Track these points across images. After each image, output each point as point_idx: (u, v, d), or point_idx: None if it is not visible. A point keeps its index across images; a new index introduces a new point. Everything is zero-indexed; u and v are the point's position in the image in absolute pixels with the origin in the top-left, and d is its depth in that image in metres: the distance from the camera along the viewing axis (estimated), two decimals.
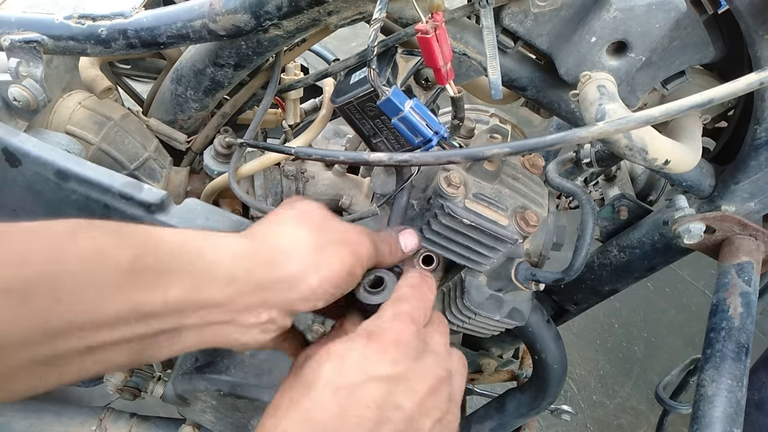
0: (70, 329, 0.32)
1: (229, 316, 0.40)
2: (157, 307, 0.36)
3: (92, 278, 0.33)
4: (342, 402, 0.37)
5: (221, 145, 0.75)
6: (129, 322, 0.35)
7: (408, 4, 0.60)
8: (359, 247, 0.45)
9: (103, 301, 0.33)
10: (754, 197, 0.67)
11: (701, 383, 0.60)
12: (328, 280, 0.43)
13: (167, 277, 0.36)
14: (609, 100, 0.52)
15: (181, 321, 0.38)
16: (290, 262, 0.42)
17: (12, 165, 0.62)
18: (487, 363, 1.06)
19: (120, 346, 0.35)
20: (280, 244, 0.43)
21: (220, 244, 0.40)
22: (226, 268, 0.39)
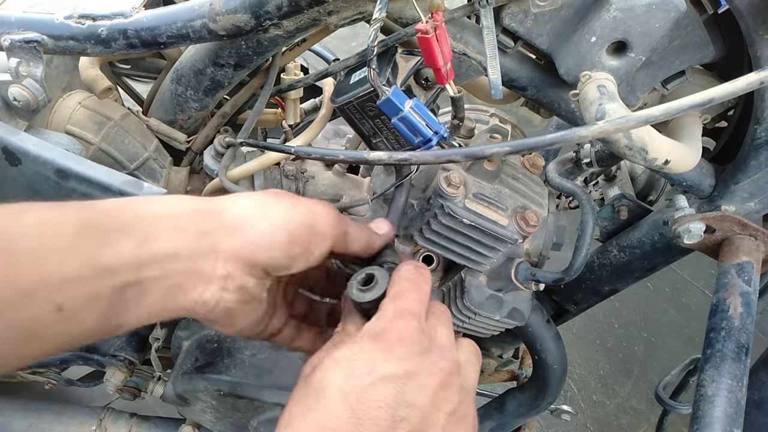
0: (35, 287, 0.34)
1: (184, 264, 0.40)
2: (112, 262, 0.37)
3: (45, 242, 0.35)
4: (353, 406, 0.37)
5: (221, 145, 0.75)
6: (89, 278, 0.36)
7: (408, 4, 0.60)
8: (317, 206, 0.46)
9: (61, 260, 0.35)
10: (754, 197, 0.67)
11: (701, 383, 0.60)
12: (281, 226, 0.43)
13: (116, 233, 0.38)
14: (609, 99, 0.52)
15: (140, 274, 0.38)
16: (233, 211, 0.43)
17: (12, 164, 0.63)
18: (487, 363, 1.06)
19: (88, 306, 0.36)
20: (223, 201, 0.44)
21: (158, 203, 0.42)
22: (169, 221, 0.40)
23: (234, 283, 0.43)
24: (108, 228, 0.38)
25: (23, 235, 0.34)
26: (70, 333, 0.37)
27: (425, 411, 0.39)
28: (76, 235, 0.36)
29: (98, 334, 0.38)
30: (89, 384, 1.13)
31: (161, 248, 0.39)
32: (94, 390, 1.18)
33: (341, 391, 0.38)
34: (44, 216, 0.36)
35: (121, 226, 0.38)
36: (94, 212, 0.38)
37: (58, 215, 0.37)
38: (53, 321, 0.35)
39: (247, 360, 0.80)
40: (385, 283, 0.46)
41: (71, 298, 0.35)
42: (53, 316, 0.35)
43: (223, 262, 0.42)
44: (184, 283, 0.41)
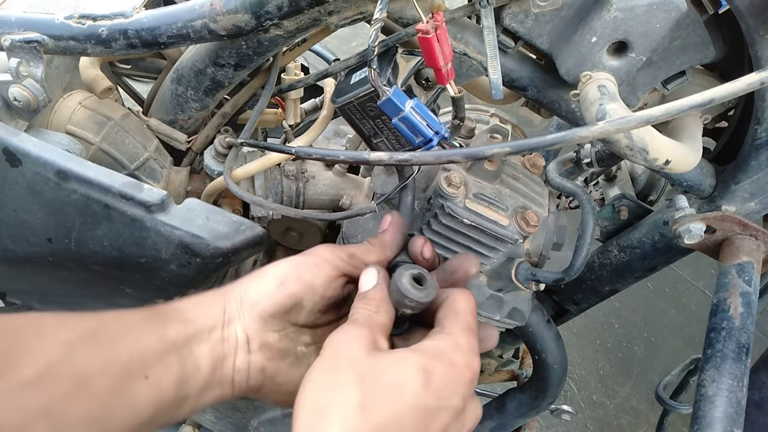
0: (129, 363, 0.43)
1: (218, 335, 0.48)
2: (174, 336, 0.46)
3: (127, 326, 0.46)
4: (427, 423, 0.41)
5: (221, 145, 0.75)
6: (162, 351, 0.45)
7: (409, 4, 0.60)
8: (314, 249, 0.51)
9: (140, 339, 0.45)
10: (755, 197, 0.67)
11: (702, 383, 0.60)
12: (272, 276, 0.50)
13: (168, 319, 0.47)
14: (609, 99, 0.52)
15: (192, 346, 0.47)
16: (235, 288, 0.50)
17: (12, 165, 0.62)
18: (487, 363, 1.06)
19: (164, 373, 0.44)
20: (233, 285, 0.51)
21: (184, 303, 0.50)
22: (198, 309, 0.49)
23: (255, 343, 0.48)
24: (163, 315, 0.47)
25: (112, 323, 0.44)
26: (156, 401, 0.43)
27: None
28: (144, 321, 0.46)
29: (174, 403, 0.45)
30: None
31: (200, 326, 0.47)
32: None
33: (424, 403, 0.40)
34: (115, 313, 0.46)
35: (169, 315, 0.47)
36: (148, 310, 0.47)
37: (128, 312, 0.47)
38: (143, 389, 0.42)
39: None
40: (434, 291, 0.48)
41: (153, 368, 0.43)
42: (143, 385, 0.42)
43: (241, 327, 0.48)
44: (222, 350, 0.47)
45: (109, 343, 0.42)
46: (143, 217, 0.64)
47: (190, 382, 0.45)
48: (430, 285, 0.47)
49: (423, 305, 0.47)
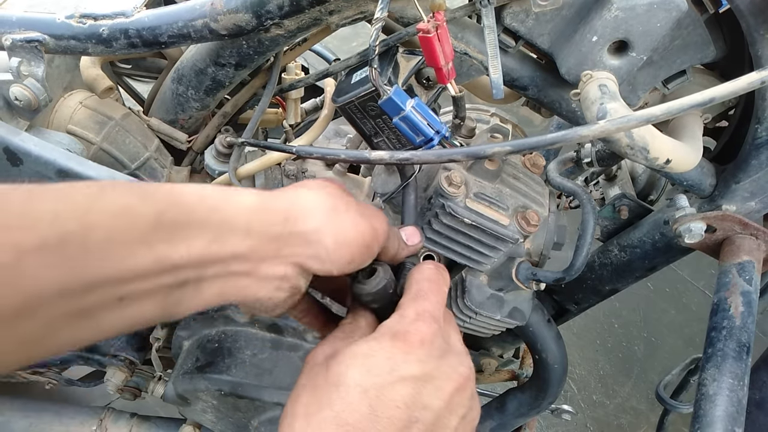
0: (101, 281, 0.34)
1: (248, 266, 0.41)
2: (180, 259, 0.37)
3: (120, 233, 0.35)
4: (372, 403, 0.38)
5: (222, 145, 0.75)
6: (155, 274, 0.37)
7: (409, 4, 0.60)
8: (376, 222, 0.46)
9: (131, 254, 0.35)
10: (755, 196, 0.67)
11: (702, 382, 0.60)
12: (345, 245, 0.44)
13: (188, 230, 0.38)
14: (610, 99, 0.52)
15: (203, 272, 0.39)
16: (307, 219, 0.43)
17: (13, 164, 0.62)
18: (487, 363, 1.06)
19: (148, 297, 0.37)
20: (299, 202, 0.44)
21: (238, 198, 0.42)
22: (244, 221, 0.40)
23: (288, 284, 0.44)
24: (183, 225, 0.38)
25: (101, 226, 0.34)
26: (128, 321, 0.37)
27: (439, 414, 0.40)
28: (150, 228, 0.36)
29: (153, 321, 0.39)
30: (89, 384, 1.13)
31: (228, 249, 0.40)
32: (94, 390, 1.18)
33: (361, 387, 0.39)
34: (125, 201, 0.36)
35: (196, 223, 0.39)
36: (174, 204, 0.38)
37: (138, 202, 0.37)
38: (113, 310, 0.36)
39: (247, 360, 0.80)
40: (386, 277, 0.47)
41: (133, 292, 0.36)
42: (114, 306, 0.36)
43: (283, 265, 0.43)
44: (243, 281, 0.42)
45: (79, 257, 0.33)
46: None
47: (181, 306, 0.40)
48: (381, 272, 0.47)
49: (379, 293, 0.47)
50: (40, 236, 0.32)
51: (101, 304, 0.35)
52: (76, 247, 0.33)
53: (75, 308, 0.34)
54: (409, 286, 0.46)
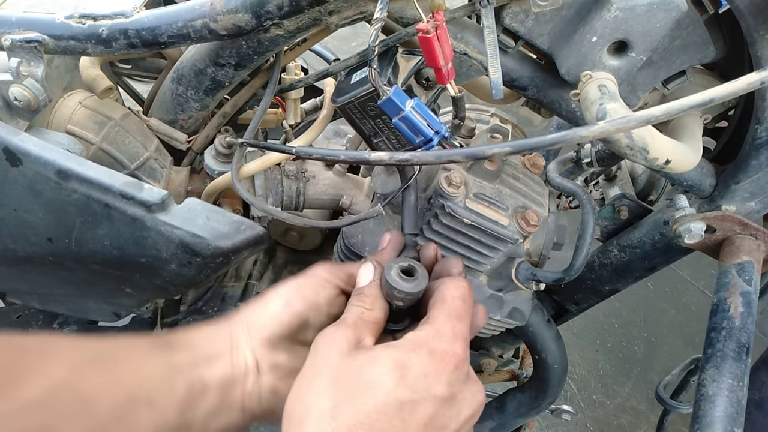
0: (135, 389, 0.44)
1: (227, 362, 0.48)
2: (181, 362, 0.47)
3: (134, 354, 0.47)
4: (405, 417, 0.39)
5: (222, 145, 0.75)
6: (167, 376, 0.46)
7: (409, 4, 0.60)
8: (312, 270, 0.52)
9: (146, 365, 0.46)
10: (755, 197, 0.67)
11: (702, 383, 0.60)
12: (273, 298, 0.51)
13: (176, 347, 0.48)
14: (610, 99, 0.52)
15: (201, 372, 0.47)
16: (240, 315, 0.51)
17: (13, 164, 0.62)
18: (487, 363, 1.06)
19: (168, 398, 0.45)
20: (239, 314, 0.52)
21: (192, 332, 0.50)
22: (203, 337, 0.50)
23: (265, 365, 0.49)
24: (170, 343, 0.48)
25: (119, 348, 0.45)
26: (159, 426, 0.44)
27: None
28: (152, 347, 0.47)
29: (178, 429, 0.45)
30: None
31: (208, 353, 0.48)
32: None
33: (398, 400, 0.40)
34: (124, 339, 0.46)
35: (177, 343, 0.48)
36: (157, 338, 0.50)
37: (136, 339, 0.47)
38: (146, 415, 0.43)
39: None
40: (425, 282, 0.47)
41: (157, 394, 0.44)
42: (147, 410, 0.43)
43: (250, 352, 0.49)
44: (232, 376, 0.48)
45: (115, 367, 0.43)
46: (144, 216, 0.64)
47: (196, 408, 0.45)
48: (420, 276, 0.47)
49: (413, 296, 0.46)
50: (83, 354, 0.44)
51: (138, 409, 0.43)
52: (113, 373, 0.44)
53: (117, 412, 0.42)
54: (443, 300, 0.46)
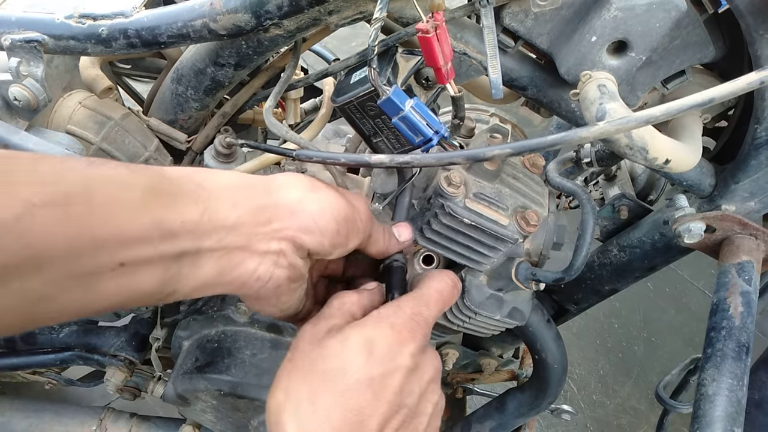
0: (104, 242, 0.35)
1: (242, 239, 0.42)
2: (176, 227, 0.38)
3: (119, 197, 0.36)
4: (376, 390, 0.42)
5: (222, 145, 0.75)
6: (153, 240, 0.37)
7: (409, 4, 0.60)
8: (356, 201, 0.50)
9: (131, 216, 0.36)
10: (755, 196, 0.67)
11: (702, 382, 0.60)
12: (329, 215, 0.46)
13: (180, 200, 0.39)
14: (609, 99, 0.52)
15: (199, 243, 0.40)
16: (289, 191, 0.46)
17: None
18: (487, 363, 1.06)
19: (148, 266, 0.38)
20: (276, 180, 0.47)
21: (219, 176, 0.44)
22: (228, 195, 0.42)
23: (286, 260, 0.45)
24: (174, 194, 0.39)
25: (101, 188, 0.36)
26: (127, 293, 0.38)
27: (419, 399, 0.46)
28: (145, 196, 0.37)
29: (152, 298, 0.39)
30: (89, 384, 1.13)
31: (221, 220, 0.41)
32: (94, 390, 1.18)
33: (367, 374, 0.42)
34: (117, 172, 0.38)
35: (185, 193, 0.40)
36: (161, 177, 0.40)
37: (129, 174, 0.38)
38: (113, 277, 0.36)
39: (247, 360, 0.80)
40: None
41: (134, 257, 0.36)
42: (114, 273, 0.36)
43: (277, 239, 0.44)
44: (239, 255, 0.42)
45: (84, 215, 0.34)
46: None
47: (181, 281, 0.40)
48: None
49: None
50: (47, 193, 0.33)
51: (103, 267, 0.36)
52: (80, 206, 0.34)
53: (79, 270, 0.35)
54: (419, 286, 0.51)
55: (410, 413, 0.44)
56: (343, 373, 0.42)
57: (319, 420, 0.40)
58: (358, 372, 0.42)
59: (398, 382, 0.43)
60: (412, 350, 0.45)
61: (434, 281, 0.51)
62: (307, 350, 0.45)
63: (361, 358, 0.43)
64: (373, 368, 0.43)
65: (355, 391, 0.42)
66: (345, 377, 0.42)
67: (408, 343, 0.45)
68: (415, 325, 0.46)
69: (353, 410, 0.41)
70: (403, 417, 0.44)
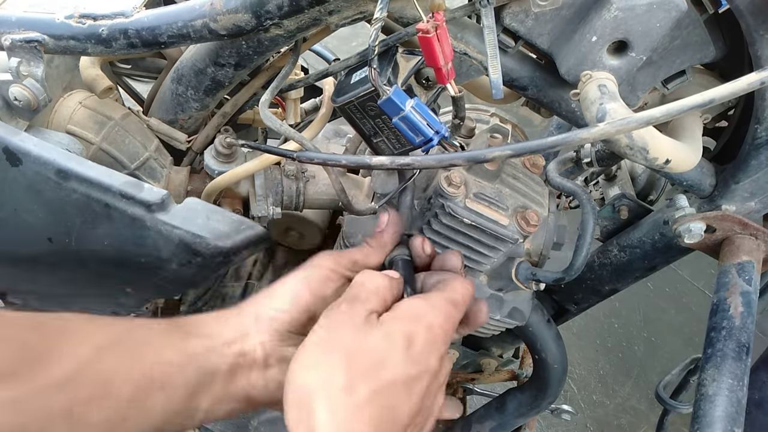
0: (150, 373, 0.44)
1: (236, 349, 0.48)
2: (193, 349, 0.47)
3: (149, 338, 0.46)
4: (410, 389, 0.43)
5: (222, 145, 0.75)
6: (179, 363, 0.45)
7: (409, 4, 0.60)
8: (316, 260, 0.53)
9: (160, 351, 0.45)
10: (755, 196, 0.67)
11: (702, 382, 0.60)
12: (279, 290, 0.51)
13: (188, 333, 0.48)
14: (610, 99, 0.52)
15: (210, 360, 0.47)
16: (247, 307, 0.51)
17: (13, 164, 0.62)
18: (487, 363, 1.06)
19: (179, 384, 0.45)
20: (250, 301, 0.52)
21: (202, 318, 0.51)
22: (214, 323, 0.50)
23: (274, 359, 0.49)
24: (183, 328, 0.47)
25: (137, 330, 0.45)
26: (168, 411, 0.44)
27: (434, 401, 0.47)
28: (166, 331, 0.46)
29: (184, 415, 0.45)
30: None
31: (219, 340, 0.48)
32: None
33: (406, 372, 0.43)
34: (141, 321, 0.47)
35: (189, 328, 0.48)
36: (171, 322, 0.48)
37: (151, 321, 0.48)
38: (159, 398, 0.43)
39: None
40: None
41: (169, 379, 0.44)
42: (159, 394, 0.43)
43: (259, 344, 0.49)
44: (240, 364, 0.48)
45: (134, 350, 0.43)
46: (144, 216, 0.64)
47: (203, 395, 0.46)
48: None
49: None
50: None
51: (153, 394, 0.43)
52: (132, 355, 0.43)
53: (139, 401, 0.42)
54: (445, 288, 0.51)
55: (427, 414, 0.45)
56: (384, 368, 0.42)
57: (353, 412, 0.40)
58: (397, 368, 0.42)
59: (427, 384, 0.44)
60: (441, 353, 0.46)
61: (460, 286, 0.51)
62: (346, 333, 0.44)
63: (402, 355, 0.43)
64: (411, 367, 0.43)
65: (394, 387, 0.42)
66: (386, 372, 0.42)
67: (440, 345, 0.46)
68: (449, 327, 0.47)
69: (388, 407, 0.41)
70: (423, 418, 0.45)
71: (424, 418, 0.45)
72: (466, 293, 0.51)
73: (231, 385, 0.47)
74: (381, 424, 0.40)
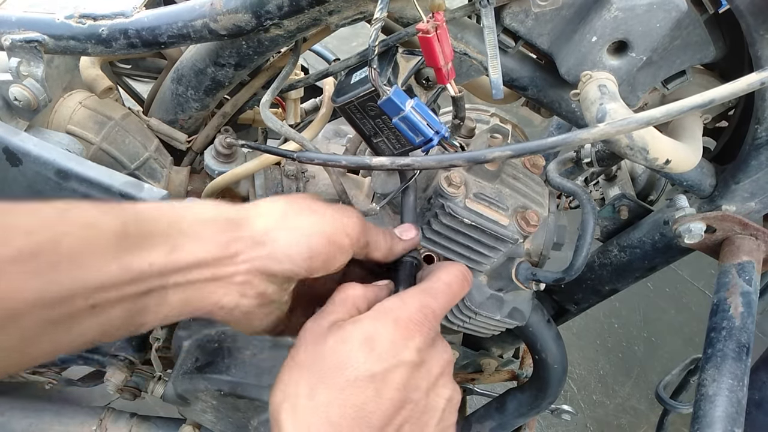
0: (73, 291, 0.37)
1: (208, 273, 0.43)
2: (144, 269, 0.40)
3: (88, 244, 0.38)
4: (378, 387, 0.41)
5: (222, 145, 0.75)
6: (122, 283, 0.39)
7: (409, 4, 0.60)
8: (343, 216, 0.48)
9: (99, 264, 0.38)
10: (755, 197, 0.67)
11: (702, 383, 0.60)
12: (300, 242, 0.46)
13: (148, 242, 0.41)
14: (610, 99, 0.52)
15: (166, 280, 0.41)
16: (256, 223, 0.46)
17: (13, 164, 0.62)
18: (487, 363, 1.06)
19: (117, 305, 0.39)
20: (252, 210, 0.47)
21: (195, 211, 0.45)
22: (198, 231, 0.43)
23: (253, 290, 0.46)
24: (143, 235, 0.41)
25: (68, 234, 0.37)
26: (99, 329, 0.40)
27: (428, 394, 0.44)
28: (115, 239, 0.39)
29: (122, 331, 0.41)
30: (89, 384, 1.13)
31: (186, 258, 0.42)
32: (94, 390, 1.18)
33: (368, 371, 0.42)
34: (88, 216, 0.39)
35: (155, 235, 0.41)
36: (134, 217, 0.41)
37: (100, 217, 0.40)
38: (85, 318, 0.38)
39: (247, 360, 0.80)
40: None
41: (104, 299, 0.38)
42: (86, 314, 0.38)
43: (243, 272, 0.44)
44: (204, 289, 0.44)
45: (53, 268, 0.36)
46: None
47: (149, 314, 0.42)
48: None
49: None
50: (15, 248, 0.35)
51: (74, 312, 0.37)
52: (48, 258, 0.36)
53: (50, 317, 0.36)
54: (428, 278, 0.49)
55: (417, 409, 0.43)
56: (343, 369, 0.42)
57: (317, 416, 0.40)
58: (358, 368, 0.42)
59: (402, 378, 0.42)
60: (418, 344, 0.44)
61: (443, 273, 0.50)
62: (309, 347, 0.44)
63: (362, 354, 0.42)
64: (375, 364, 0.42)
65: (356, 387, 0.41)
66: (345, 373, 0.41)
67: (413, 337, 0.44)
68: (422, 317, 0.45)
69: (354, 406, 0.40)
70: (409, 413, 0.43)
71: (415, 412, 0.43)
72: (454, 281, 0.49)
73: (190, 305, 0.44)
74: (346, 421, 0.40)
